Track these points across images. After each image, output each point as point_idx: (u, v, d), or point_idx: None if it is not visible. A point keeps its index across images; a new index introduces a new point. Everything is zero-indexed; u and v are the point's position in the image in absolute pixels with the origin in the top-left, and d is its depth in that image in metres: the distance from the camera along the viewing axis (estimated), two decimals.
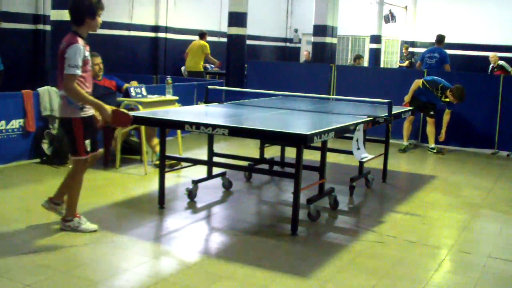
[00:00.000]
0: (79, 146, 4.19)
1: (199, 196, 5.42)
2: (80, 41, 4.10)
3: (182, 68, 14.31)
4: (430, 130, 8.43)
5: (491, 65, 13.60)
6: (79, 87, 4.05)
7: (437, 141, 8.44)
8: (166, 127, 5.32)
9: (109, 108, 4.16)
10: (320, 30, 12.04)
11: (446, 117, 8.24)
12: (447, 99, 7.98)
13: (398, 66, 17.90)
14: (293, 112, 5.89)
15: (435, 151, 8.34)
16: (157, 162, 5.77)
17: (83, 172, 4.35)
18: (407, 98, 8.23)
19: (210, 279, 3.61)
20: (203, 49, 12.12)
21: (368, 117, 5.35)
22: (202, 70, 12.40)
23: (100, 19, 4.23)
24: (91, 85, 4.31)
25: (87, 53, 4.16)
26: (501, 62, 13.43)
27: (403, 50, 17.98)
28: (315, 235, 4.63)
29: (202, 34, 12.33)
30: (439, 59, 9.67)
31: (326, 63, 11.48)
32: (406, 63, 17.05)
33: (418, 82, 8.16)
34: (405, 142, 8.50)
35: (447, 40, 10.45)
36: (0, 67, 8.17)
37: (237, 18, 10.90)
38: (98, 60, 6.55)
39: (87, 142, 4.27)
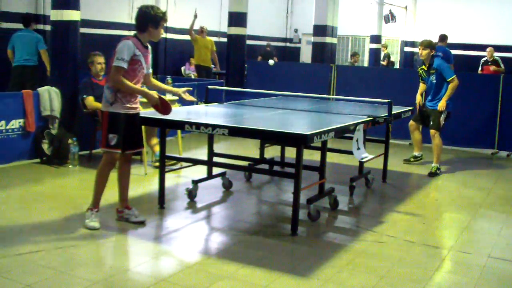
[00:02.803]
0: (103, 138, 4.42)
1: (199, 196, 5.42)
2: (134, 41, 4.33)
3: (182, 68, 14.33)
4: (433, 145, 7.06)
5: (484, 59, 13.50)
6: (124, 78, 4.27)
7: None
8: (166, 127, 5.33)
9: (155, 93, 4.47)
10: (320, 30, 12.02)
11: (450, 86, 6.88)
12: (433, 69, 7.16)
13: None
14: (293, 112, 5.89)
15: (433, 171, 6.91)
16: (157, 164, 5.76)
17: (110, 166, 4.52)
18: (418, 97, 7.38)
19: (210, 279, 3.61)
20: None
21: (368, 117, 5.36)
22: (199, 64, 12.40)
23: (162, 30, 4.48)
24: (140, 83, 4.50)
25: (139, 53, 4.33)
26: (496, 57, 13.37)
27: (382, 49, 18.00)
28: (315, 235, 4.63)
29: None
30: (444, 58, 9.60)
31: (326, 63, 11.47)
32: (385, 62, 17.10)
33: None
34: (415, 152, 7.56)
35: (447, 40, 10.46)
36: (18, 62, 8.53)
37: (237, 18, 10.89)
38: (101, 59, 6.60)
39: (112, 136, 4.37)
